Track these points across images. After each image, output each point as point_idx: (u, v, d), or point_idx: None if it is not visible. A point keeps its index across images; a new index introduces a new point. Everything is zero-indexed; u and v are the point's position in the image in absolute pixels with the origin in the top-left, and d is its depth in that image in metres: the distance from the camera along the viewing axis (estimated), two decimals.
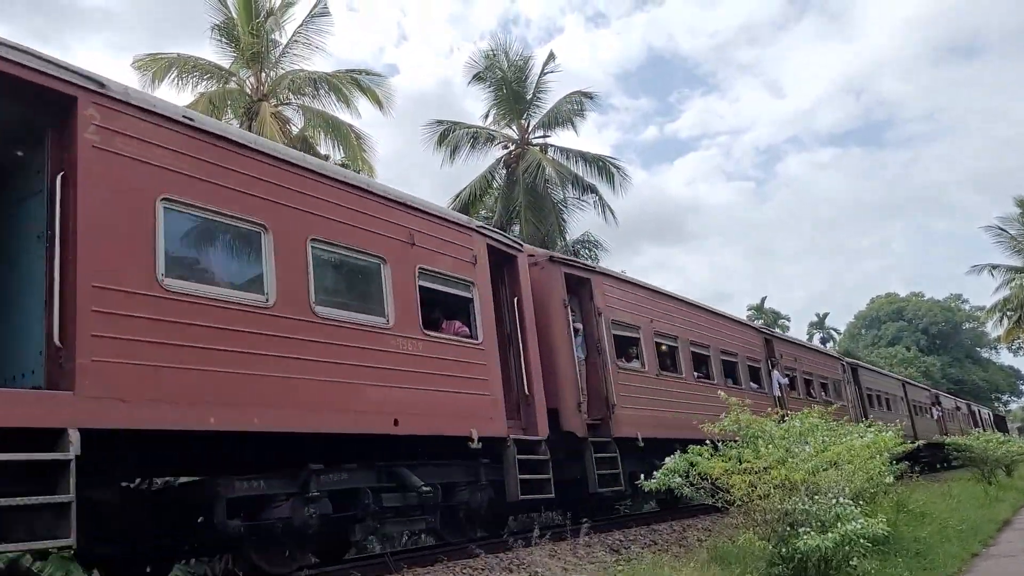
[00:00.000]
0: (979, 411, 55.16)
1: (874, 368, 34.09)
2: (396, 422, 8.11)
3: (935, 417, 38.18)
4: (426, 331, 8.94)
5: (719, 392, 10.83)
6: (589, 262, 13.02)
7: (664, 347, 14.68)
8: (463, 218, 10.27)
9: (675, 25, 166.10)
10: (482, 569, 8.38)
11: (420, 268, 9.05)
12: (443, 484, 9.11)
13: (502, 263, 10.99)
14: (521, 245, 11.36)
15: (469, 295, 9.87)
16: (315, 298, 7.55)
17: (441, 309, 10.00)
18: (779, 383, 19.12)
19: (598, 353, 12.34)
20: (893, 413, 28.85)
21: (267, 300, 7.08)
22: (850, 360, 29.36)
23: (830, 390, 23.67)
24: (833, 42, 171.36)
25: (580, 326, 12.35)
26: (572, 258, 12.22)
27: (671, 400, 14.10)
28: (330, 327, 7.66)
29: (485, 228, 10.59)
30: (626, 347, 13.68)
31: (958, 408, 46.58)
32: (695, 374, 15.48)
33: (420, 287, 8.99)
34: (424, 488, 8.35)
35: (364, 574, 7.97)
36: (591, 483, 11.27)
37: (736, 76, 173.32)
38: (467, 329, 9.82)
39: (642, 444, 12.50)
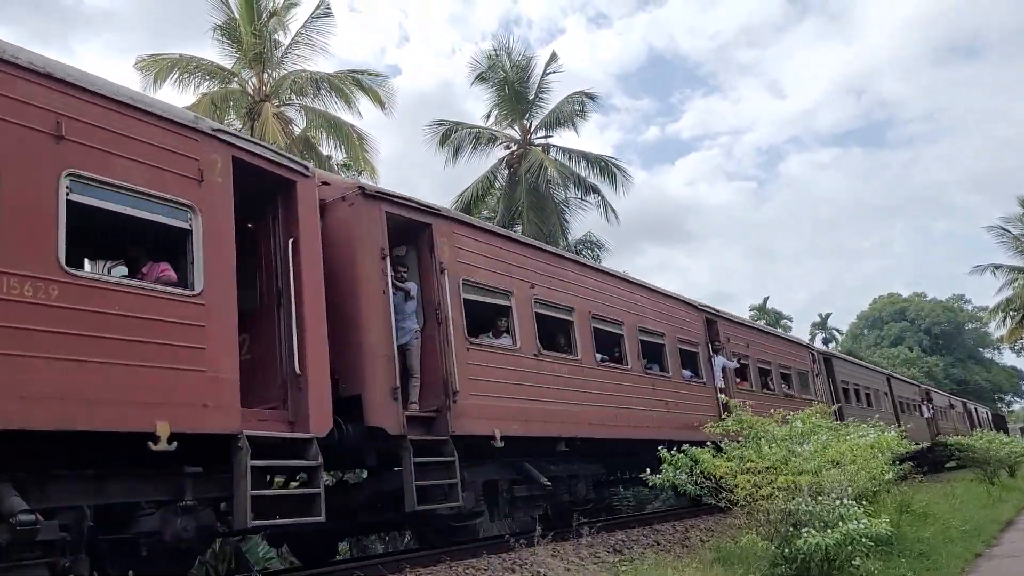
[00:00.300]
0: (976, 410, 51.04)
1: (852, 359, 30.25)
2: None
3: (925, 416, 34.35)
4: (73, 271, 5.75)
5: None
6: (432, 202, 9.70)
7: (551, 321, 11.37)
8: (185, 115, 6.98)
9: (675, 26, 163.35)
10: (484, 569, 8.18)
11: (73, 175, 5.84)
12: (100, 507, 5.89)
13: (272, 189, 7.77)
14: (307, 168, 8.06)
15: (185, 225, 6.62)
16: None
17: (146, 245, 6.85)
18: (724, 369, 15.85)
19: (437, 323, 9.09)
20: (875, 410, 25.38)
21: None
22: (822, 349, 25.92)
23: (794, 382, 20.14)
24: (833, 43, 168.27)
25: (414, 286, 9.15)
26: (401, 195, 9.03)
27: (558, 388, 10.79)
28: None
29: (228, 132, 7.31)
30: (492, 318, 10.44)
31: (952, 406, 42.16)
32: (597, 356, 12.11)
33: (70, 204, 5.77)
34: (20, 518, 5.08)
35: (367, 574, 7.71)
36: (408, 498, 7.99)
37: (737, 77, 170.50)
38: (175, 274, 6.62)
39: (501, 443, 9.23)
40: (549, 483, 10.44)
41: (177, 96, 21.56)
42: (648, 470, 9.42)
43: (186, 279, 6.57)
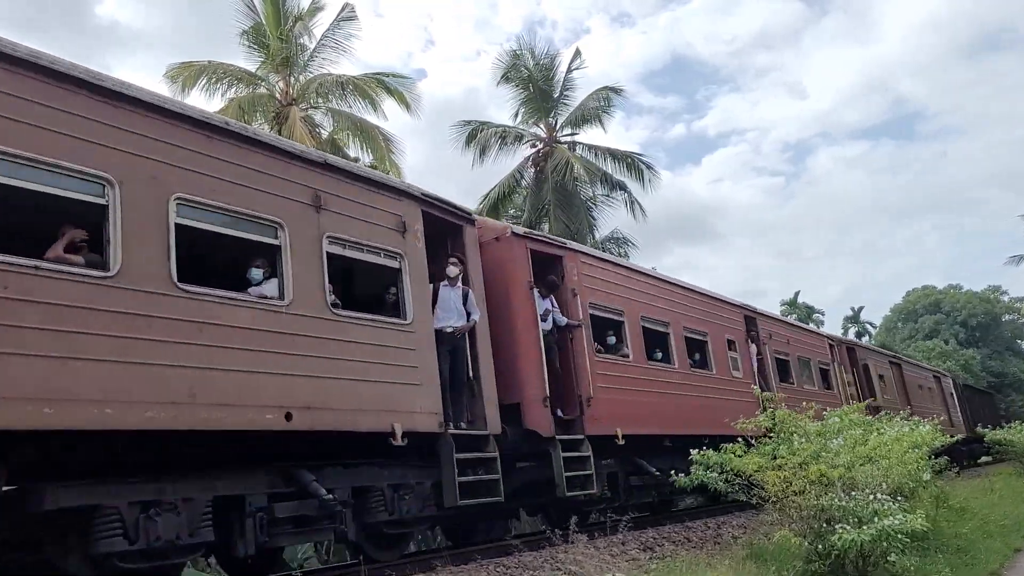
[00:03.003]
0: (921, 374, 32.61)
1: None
2: None
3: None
4: None
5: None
6: None
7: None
8: None
9: (693, 33, 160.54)
10: (515, 567, 8.39)
11: None
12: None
13: None
14: None
15: None
16: None
17: None
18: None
19: None
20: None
21: None
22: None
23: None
24: (853, 43, 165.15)
25: None
26: None
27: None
28: None
29: None
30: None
31: (833, 358, 23.28)
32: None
33: None
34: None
35: (398, 573, 7.93)
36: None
37: (756, 79, 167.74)
38: None
39: None
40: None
41: (205, 102, 21.88)
42: (675, 471, 9.58)
43: None
